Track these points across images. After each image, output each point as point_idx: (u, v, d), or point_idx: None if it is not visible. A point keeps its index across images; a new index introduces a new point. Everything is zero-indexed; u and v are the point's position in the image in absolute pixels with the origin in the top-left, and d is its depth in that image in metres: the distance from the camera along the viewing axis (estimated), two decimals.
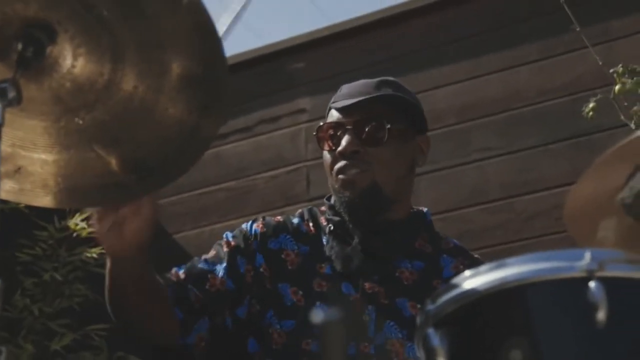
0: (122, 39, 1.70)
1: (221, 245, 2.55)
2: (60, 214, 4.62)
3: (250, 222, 2.61)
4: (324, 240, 2.57)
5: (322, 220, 2.62)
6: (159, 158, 1.85)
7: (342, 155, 2.52)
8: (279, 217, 2.64)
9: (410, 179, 2.65)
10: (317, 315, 1.89)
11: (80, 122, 1.81)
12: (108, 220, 2.08)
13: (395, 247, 2.56)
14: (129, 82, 1.75)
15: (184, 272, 2.47)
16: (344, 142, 2.52)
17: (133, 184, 1.86)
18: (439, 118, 4.58)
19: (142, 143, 1.82)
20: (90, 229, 4.57)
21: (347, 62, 4.96)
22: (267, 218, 2.63)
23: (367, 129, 2.53)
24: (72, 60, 1.75)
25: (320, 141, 2.59)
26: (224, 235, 2.58)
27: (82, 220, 4.61)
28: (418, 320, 1.68)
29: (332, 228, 2.57)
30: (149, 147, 1.83)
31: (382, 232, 2.55)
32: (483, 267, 1.61)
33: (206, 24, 1.64)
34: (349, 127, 2.53)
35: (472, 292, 1.60)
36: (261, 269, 2.51)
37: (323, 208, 2.65)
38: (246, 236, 2.56)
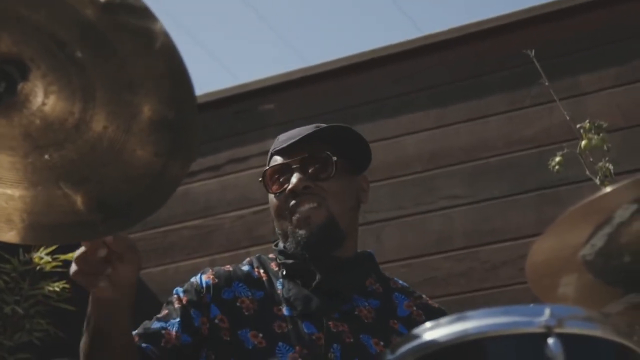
0: (94, 79, 1.70)
1: (172, 303, 2.52)
2: (26, 247, 4.59)
3: (199, 274, 2.59)
4: (278, 284, 2.56)
5: (273, 266, 2.62)
6: (126, 199, 1.84)
7: (294, 192, 2.54)
8: (228, 267, 2.62)
9: (357, 214, 2.67)
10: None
11: (48, 157, 1.80)
12: (95, 260, 2.01)
13: (352, 285, 2.57)
14: (99, 122, 1.75)
15: (137, 334, 2.44)
16: (294, 179, 2.54)
17: (99, 224, 1.85)
18: (407, 165, 4.60)
19: (109, 183, 1.82)
20: (54, 263, 4.55)
21: (318, 105, 4.99)
22: (216, 268, 2.61)
23: (314, 165, 2.56)
24: (43, 98, 1.74)
25: (266, 186, 2.60)
26: (174, 291, 2.56)
27: (47, 254, 4.58)
28: None
29: (284, 273, 2.56)
30: (116, 187, 1.82)
31: (339, 270, 2.55)
32: (443, 319, 1.62)
33: (179, 68, 1.64)
34: (295, 166, 2.56)
35: (431, 344, 1.61)
36: (216, 320, 2.49)
37: (271, 255, 2.65)
38: (197, 289, 2.53)
